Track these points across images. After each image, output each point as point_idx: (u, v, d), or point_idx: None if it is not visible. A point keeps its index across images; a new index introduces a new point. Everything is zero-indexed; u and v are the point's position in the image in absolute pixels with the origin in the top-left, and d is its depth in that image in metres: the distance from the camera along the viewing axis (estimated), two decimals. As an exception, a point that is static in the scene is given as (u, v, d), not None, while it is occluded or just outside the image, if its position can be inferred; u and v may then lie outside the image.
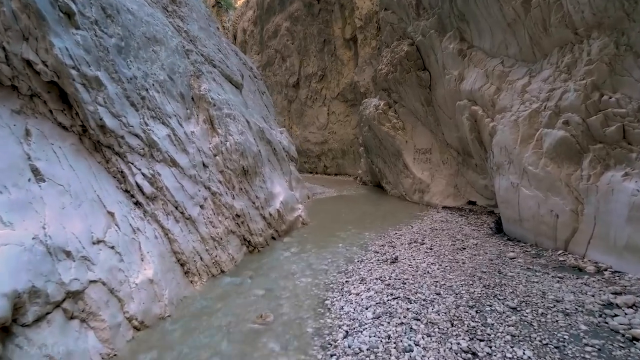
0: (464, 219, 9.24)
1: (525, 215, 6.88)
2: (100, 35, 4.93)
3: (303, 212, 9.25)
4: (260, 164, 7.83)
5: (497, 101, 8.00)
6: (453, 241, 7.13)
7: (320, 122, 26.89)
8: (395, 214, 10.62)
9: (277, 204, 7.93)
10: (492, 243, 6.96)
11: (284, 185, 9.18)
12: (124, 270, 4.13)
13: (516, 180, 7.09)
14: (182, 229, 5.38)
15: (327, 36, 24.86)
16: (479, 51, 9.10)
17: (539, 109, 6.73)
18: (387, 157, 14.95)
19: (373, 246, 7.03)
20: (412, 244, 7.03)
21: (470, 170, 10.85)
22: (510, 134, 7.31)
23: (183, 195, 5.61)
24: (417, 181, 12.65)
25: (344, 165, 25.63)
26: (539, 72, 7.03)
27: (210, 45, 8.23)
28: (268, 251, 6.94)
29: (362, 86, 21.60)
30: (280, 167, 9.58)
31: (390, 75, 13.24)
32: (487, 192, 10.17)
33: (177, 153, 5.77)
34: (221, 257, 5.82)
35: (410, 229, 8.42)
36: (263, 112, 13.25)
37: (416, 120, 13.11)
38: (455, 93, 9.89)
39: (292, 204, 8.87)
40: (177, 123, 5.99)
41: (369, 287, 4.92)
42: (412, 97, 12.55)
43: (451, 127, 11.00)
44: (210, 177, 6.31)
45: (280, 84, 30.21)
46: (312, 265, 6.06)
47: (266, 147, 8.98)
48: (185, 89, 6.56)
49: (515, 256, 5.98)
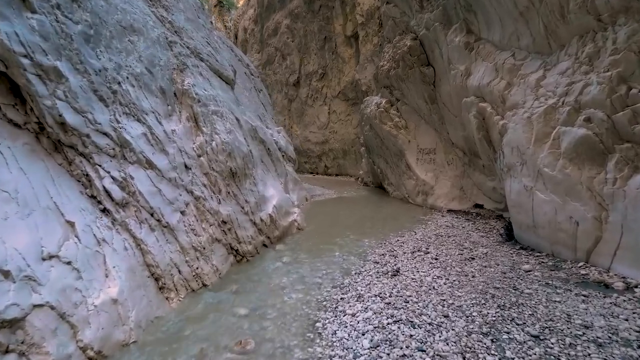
0: (471, 224, 8.62)
1: (540, 221, 6.26)
2: (63, 21, 4.36)
3: (299, 216, 8.66)
4: (251, 165, 7.25)
5: (508, 97, 7.37)
6: (460, 250, 6.52)
7: (320, 121, 26.30)
8: (397, 217, 10.01)
9: (269, 208, 7.35)
10: (504, 252, 6.34)
11: (279, 187, 8.59)
12: (81, 290, 3.56)
13: (530, 183, 6.47)
14: (158, 239, 4.81)
15: (327, 33, 24.26)
16: (487, 44, 8.48)
17: (555, 105, 6.11)
18: (389, 158, 14.34)
19: (372, 255, 6.44)
20: (416, 253, 6.43)
21: (477, 172, 10.23)
22: (523, 133, 6.68)
23: (160, 201, 5.03)
24: (421, 183, 12.04)
25: (345, 166, 25.02)
26: (555, 65, 6.41)
27: (198, 37, 7.66)
28: (258, 261, 6.36)
29: (363, 84, 20.99)
30: (275, 168, 9.00)
31: (392, 71, 12.63)
32: (495, 195, 9.55)
33: (154, 154, 5.20)
34: (203, 269, 5.24)
35: (413, 235, 7.81)
36: (259, 111, 12.68)
37: (419, 119, 12.49)
38: (462, 89, 9.27)
39: (287, 208, 8.28)
40: (155, 120, 5.42)
41: (366, 306, 4.33)
42: (415, 95, 11.94)
43: (457, 126, 10.38)
44: (193, 180, 5.74)
45: (280, 82, 29.64)
46: (305, 278, 5.47)
47: (259, 147, 8.40)
48: (166, 84, 5.98)
49: (530, 269, 5.36)
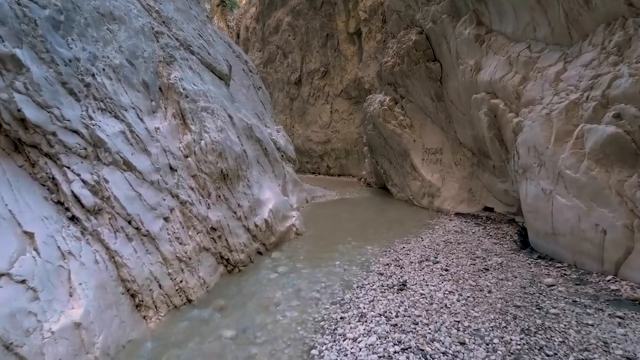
0: (482, 229, 8.04)
1: (560, 229, 5.69)
2: (26, 4, 3.85)
3: (297, 220, 8.13)
4: (245, 167, 6.73)
5: (523, 93, 6.80)
6: (472, 259, 5.96)
7: (323, 120, 25.77)
8: (402, 221, 9.45)
9: (265, 212, 6.82)
10: (520, 262, 5.77)
11: (276, 190, 8.07)
12: (36, 314, 3.05)
13: (549, 186, 5.90)
14: (136, 249, 4.29)
15: (330, 30, 23.71)
16: (499, 36, 7.90)
17: (578, 100, 5.53)
18: (392, 158, 13.78)
19: (376, 265, 5.89)
20: (424, 262, 5.87)
21: (487, 173, 9.65)
22: (541, 131, 6.11)
23: (140, 207, 4.51)
24: (427, 184, 11.47)
25: (347, 166, 24.47)
26: (578, 56, 5.84)
27: (189, 29, 7.15)
28: (251, 271, 5.83)
29: (366, 82, 20.45)
30: (272, 169, 8.48)
31: (396, 67, 12.07)
32: (506, 198, 8.97)
33: (133, 154, 4.68)
34: (188, 282, 4.72)
35: (419, 241, 7.26)
36: (258, 109, 12.17)
37: (425, 117, 11.92)
38: (471, 85, 8.70)
39: (285, 212, 7.75)
40: (135, 117, 4.90)
41: (369, 328, 3.79)
42: (421, 92, 11.37)
43: (465, 125, 9.81)
44: (179, 183, 5.22)
45: (281, 81, 29.13)
46: (301, 292, 4.93)
47: (255, 147, 7.88)
48: (150, 77, 5.47)
49: (553, 282, 4.79)
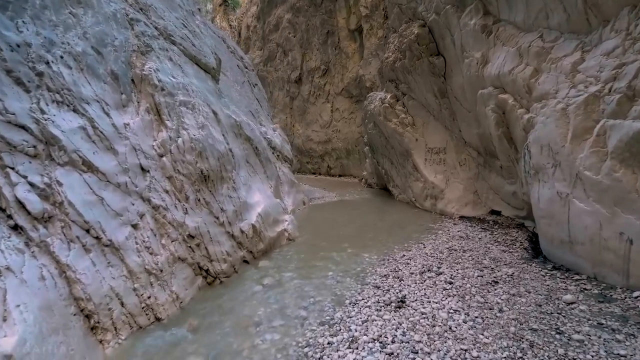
0: (489, 235, 7.45)
1: (578, 236, 5.10)
2: (-38, -22, 3.33)
3: (290, 224, 7.57)
4: (231, 167, 6.18)
5: (535, 86, 6.20)
6: (480, 270, 5.37)
7: (323, 119, 25.21)
8: (403, 225, 8.87)
9: (252, 217, 6.26)
10: (533, 274, 5.18)
11: (267, 192, 7.52)
12: (-48, 346, 2.51)
13: (565, 189, 5.30)
14: (95, 262, 3.75)
15: (330, 27, 23.16)
16: (508, 25, 7.30)
17: (599, 93, 4.94)
18: (394, 158, 13.19)
19: (373, 276, 5.31)
20: (425, 273, 5.30)
21: (494, 174, 9.05)
22: (556, 128, 5.51)
23: (101, 213, 3.97)
24: (429, 185, 10.87)
25: (348, 166, 23.89)
26: (598, 44, 5.24)
27: (171, 18, 6.62)
28: (234, 282, 5.28)
29: (367, 80, 19.89)
30: (264, 170, 7.93)
31: (397, 63, 11.48)
32: (515, 201, 8.36)
33: (96, 153, 4.15)
34: (158, 298, 4.17)
35: (421, 248, 6.68)
36: (252, 106, 11.64)
37: (428, 115, 11.32)
38: (477, 80, 8.10)
39: (276, 216, 7.20)
40: (100, 111, 4.37)
41: (361, 357, 3.22)
42: (424, 88, 10.78)
43: (470, 122, 9.22)
44: (151, 186, 4.68)
45: (281, 79, 28.62)
46: (287, 310, 4.37)
47: (244, 146, 7.33)
48: (121, 68, 4.94)
49: (573, 300, 4.20)
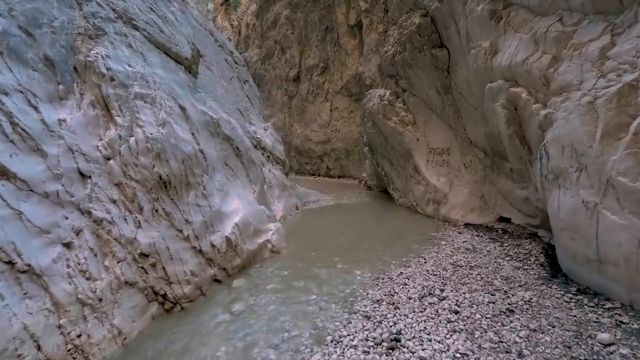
0: (498, 247, 6.60)
1: (610, 255, 4.24)
2: None
3: (276, 234, 6.76)
4: (202, 171, 5.37)
5: (554, 77, 5.35)
6: (491, 293, 4.53)
7: (322, 119, 24.39)
8: (402, 234, 8.03)
9: (227, 228, 5.45)
10: (555, 299, 4.33)
11: (249, 197, 6.71)
12: None
13: (593, 197, 4.45)
14: (4, 294, 2.95)
15: (329, 23, 22.33)
16: (520, 10, 6.44)
17: (636, 82, 4.10)
18: (394, 159, 12.34)
19: (364, 301, 4.48)
20: (426, 298, 4.46)
21: (503, 177, 8.19)
22: (581, 125, 4.66)
23: (18, 230, 3.18)
24: (431, 189, 10.01)
25: (348, 167, 23.05)
26: (632, 25, 4.40)
27: (136, 0, 5.83)
28: (198, 308, 4.46)
29: (367, 77, 19.05)
30: (247, 173, 7.12)
31: (397, 56, 10.64)
32: (527, 207, 7.49)
33: (14, 156, 3.35)
34: (92, 336, 3.37)
35: (422, 264, 5.84)
36: (241, 103, 10.83)
37: (430, 113, 10.47)
38: (485, 72, 7.25)
39: (258, 225, 6.38)
40: (24, 104, 3.58)
41: None
42: (425, 83, 9.93)
43: (477, 120, 8.36)
44: (93, 195, 3.89)
45: (279, 78, 27.84)
46: (253, 348, 3.55)
47: (222, 146, 6.53)
48: (59, 53, 4.16)
49: (611, 340, 3.34)
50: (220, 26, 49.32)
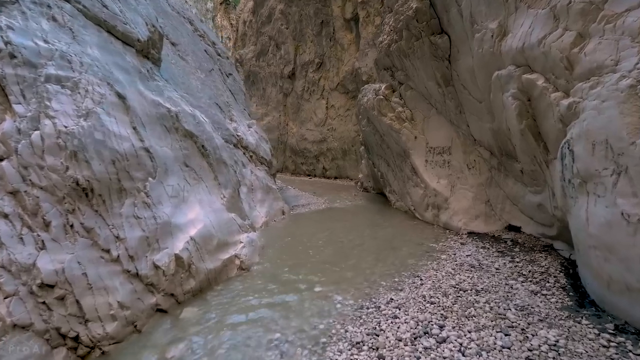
0: (509, 262, 5.58)
1: (662, 286, 3.24)
2: None
3: (247, 247, 5.77)
4: (145, 174, 4.38)
5: (580, 58, 4.34)
6: (504, 332, 3.52)
7: (318, 117, 23.40)
8: (397, 245, 7.02)
9: (178, 244, 4.46)
10: (589, 343, 3.32)
11: (216, 204, 5.71)
12: None
13: (636, 209, 3.44)
14: None
15: (325, 17, 21.34)
16: (535, -18, 5.43)
17: (699, 58, 3.09)
18: (390, 159, 11.34)
19: (339, 343, 3.48)
20: (420, 339, 3.45)
21: (511, 179, 7.17)
22: (619, 116, 3.65)
23: None
24: (431, 192, 9.00)
25: (344, 168, 22.04)
26: (688, -15, 3.38)
27: (71, -32, 4.86)
28: (125, 351, 3.46)
29: (364, 73, 18.05)
30: (214, 176, 6.12)
31: (393, 45, 9.63)
32: (541, 215, 6.48)
33: None
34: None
35: (417, 286, 4.83)
36: (221, 98, 9.85)
37: (429, 108, 9.46)
38: (492, 58, 6.25)
39: (225, 237, 5.39)
40: None
41: None
42: (424, 75, 8.92)
43: (482, 115, 7.36)
44: (-29, 208, 2.88)
45: (274, 75, 26.87)
46: None
47: (182, 144, 5.54)
48: None
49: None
50: (219, 25, 48.46)
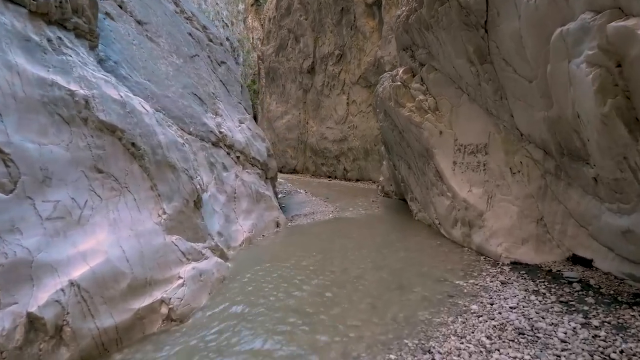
0: (580, 327, 3.50)
1: None
2: None
3: (190, 285, 4.11)
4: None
5: None
6: None
7: (338, 114, 21.57)
8: (407, 283, 5.06)
9: (41, 294, 2.83)
10: None
11: (145, 224, 4.09)
12: None
13: None
14: None
15: (345, 3, 19.47)
16: None
17: None
18: (411, 160, 9.30)
19: None
20: None
21: (577, 190, 4.97)
22: None
23: None
24: (460, 204, 6.90)
25: (367, 169, 20.02)
26: None
27: None
28: None
29: (387, 63, 15.97)
30: (151, 185, 4.52)
31: (412, 17, 7.61)
32: (627, 245, 4.27)
33: None
34: None
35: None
36: (204, 88, 8.33)
37: (459, 94, 7.32)
38: (551, 9, 4.16)
39: (149, 273, 3.75)
40: None
41: None
42: (452, 51, 6.82)
43: (533, 99, 5.21)
44: None
45: (294, 70, 25.37)
46: None
47: (91, 141, 3.96)
48: None
49: None
50: (251, 27, 48.07)
